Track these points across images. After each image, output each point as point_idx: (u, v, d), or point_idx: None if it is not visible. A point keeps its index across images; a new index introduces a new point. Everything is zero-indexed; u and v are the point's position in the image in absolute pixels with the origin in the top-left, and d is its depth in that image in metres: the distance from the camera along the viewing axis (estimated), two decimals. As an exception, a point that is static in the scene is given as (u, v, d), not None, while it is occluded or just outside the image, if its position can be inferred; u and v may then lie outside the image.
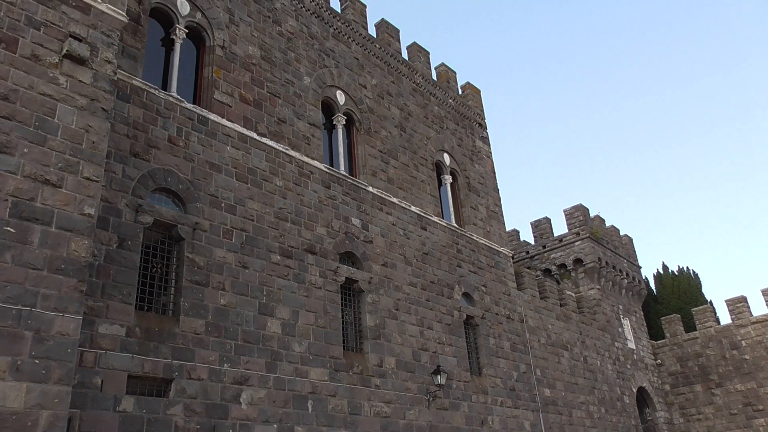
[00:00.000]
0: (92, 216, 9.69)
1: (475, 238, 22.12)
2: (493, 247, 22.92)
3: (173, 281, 12.56)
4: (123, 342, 10.88)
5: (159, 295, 12.36)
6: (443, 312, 19.01)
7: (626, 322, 30.90)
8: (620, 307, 30.93)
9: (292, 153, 16.17)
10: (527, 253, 32.33)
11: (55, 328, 8.66)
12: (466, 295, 20.56)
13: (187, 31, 15.07)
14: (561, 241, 30.97)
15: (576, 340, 25.70)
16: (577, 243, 30.17)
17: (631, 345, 30.41)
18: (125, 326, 10.99)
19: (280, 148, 15.87)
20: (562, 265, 30.45)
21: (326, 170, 17.03)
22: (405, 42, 24.16)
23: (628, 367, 29.08)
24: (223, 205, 13.79)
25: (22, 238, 8.76)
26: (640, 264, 34.64)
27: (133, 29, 13.41)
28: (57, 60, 10.03)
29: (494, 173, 25.53)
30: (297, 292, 14.56)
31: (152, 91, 13.28)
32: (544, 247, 31.67)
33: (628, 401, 27.58)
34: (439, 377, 16.70)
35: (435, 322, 18.49)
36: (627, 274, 32.20)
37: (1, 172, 8.87)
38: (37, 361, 8.34)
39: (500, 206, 24.78)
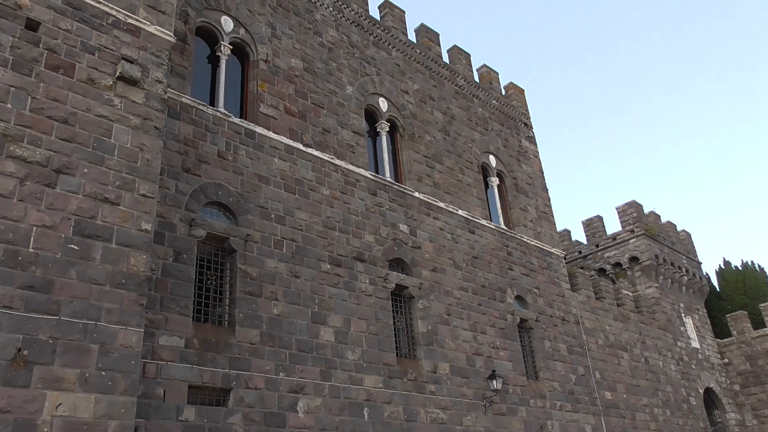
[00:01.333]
0: (149, 231, 9.98)
1: (525, 240, 21.76)
2: (544, 248, 22.49)
3: (227, 292, 12.81)
4: (182, 353, 11.14)
5: (214, 307, 12.62)
6: (496, 316, 18.74)
7: (688, 321, 29.76)
8: (681, 305, 29.83)
9: (338, 162, 16.30)
10: (580, 253, 31.60)
11: (118, 340, 8.94)
12: (518, 298, 20.22)
13: (231, 47, 15.43)
14: (615, 239, 30.14)
15: (636, 341, 24.90)
16: (631, 241, 29.31)
17: (695, 344, 29.25)
18: (184, 338, 11.26)
19: (326, 158, 16.02)
20: (617, 264, 29.62)
21: (372, 178, 17.10)
22: (445, 45, 24.11)
23: (693, 367, 27.97)
24: (272, 216, 14.00)
25: (85, 255, 9.10)
26: (701, 260, 33.37)
27: (181, 48, 13.82)
28: (111, 82, 10.43)
29: (542, 173, 25.10)
30: (348, 300, 14.62)
31: (201, 107, 13.64)
32: (597, 246, 30.89)
33: (695, 403, 26.50)
34: (494, 382, 16.45)
35: (488, 327, 18.24)
36: (687, 271, 31.05)
37: (64, 192, 9.25)
38: (103, 373, 8.62)
39: (550, 206, 24.32)
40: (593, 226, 31.60)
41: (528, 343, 19.88)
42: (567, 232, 32.94)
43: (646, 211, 30.91)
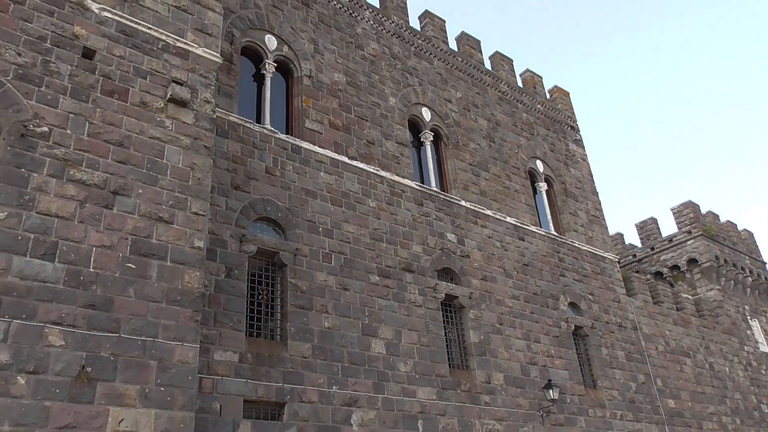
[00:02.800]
0: (202, 249, 10.21)
1: (577, 245, 21.26)
2: (597, 253, 21.92)
3: (279, 307, 12.95)
4: (237, 368, 11.30)
5: (266, 321, 12.77)
6: (550, 324, 18.33)
7: (755, 324, 28.39)
8: (746, 307, 28.49)
9: (383, 173, 16.34)
10: (634, 256, 30.66)
11: (176, 356, 9.14)
12: (572, 305, 19.73)
13: (275, 64, 15.72)
14: (671, 241, 29.13)
15: (698, 346, 23.90)
16: (689, 242, 28.25)
17: (764, 348, 27.85)
18: (238, 352, 11.43)
19: (371, 170, 16.08)
20: (675, 267, 28.58)
21: (418, 188, 17.06)
22: (487, 52, 23.98)
23: (763, 372, 26.62)
24: (320, 229, 14.11)
25: (142, 273, 9.37)
26: (765, 260, 31.85)
27: (227, 68, 14.16)
28: (162, 104, 10.76)
29: (591, 176, 24.52)
30: (398, 312, 14.56)
31: (248, 125, 13.92)
32: (652, 249, 29.92)
33: (767, 411, 25.20)
34: (551, 392, 16.04)
35: (542, 335, 17.85)
36: (750, 272, 29.68)
37: (121, 212, 9.57)
38: (162, 389, 8.82)
39: (601, 210, 23.72)
40: (647, 228, 30.65)
41: (584, 351, 19.35)
42: (620, 236, 32.05)
43: (703, 211, 29.77)
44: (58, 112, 9.60)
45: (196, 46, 11.76)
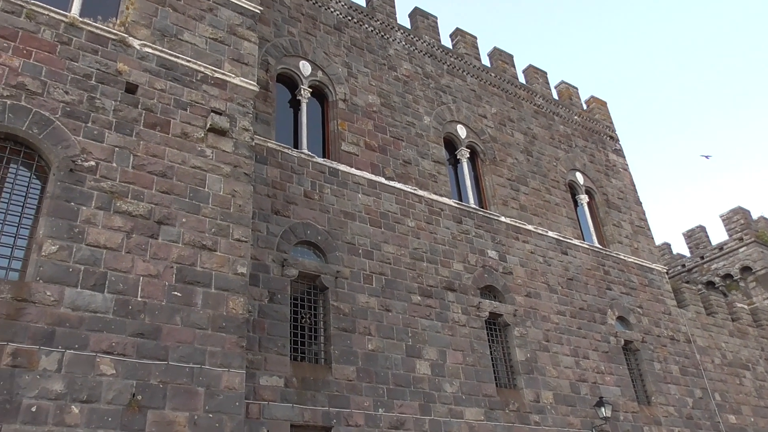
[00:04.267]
0: (245, 275, 10.32)
1: (622, 257, 20.72)
2: (643, 264, 21.31)
3: (322, 330, 12.95)
4: (283, 392, 11.31)
5: (310, 345, 12.78)
6: (598, 339, 17.83)
7: (817, 334, 27.02)
8: (806, 317, 27.17)
9: (421, 192, 16.30)
10: (683, 266, 29.72)
11: (222, 383, 9.21)
12: (620, 318, 19.17)
13: (311, 90, 15.95)
14: (721, 249, 28.14)
15: (758, 358, 22.86)
16: (741, 249, 27.24)
17: (827, 360, 26.46)
18: (283, 377, 11.44)
19: (409, 189, 16.07)
20: (727, 276, 27.56)
21: (456, 205, 16.95)
22: (520, 66, 23.88)
23: (827, 385, 25.25)
24: (360, 251, 14.12)
25: (187, 301, 9.52)
26: (823, 266, 30.40)
27: (264, 96, 14.42)
28: (203, 134, 11.02)
29: (634, 186, 23.96)
30: (442, 332, 14.40)
31: (286, 150, 14.11)
32: (702, 258, 28.95)
33: (833, 426, 23.84)
34: (603, 409, 15.53)
35: (590, 351, 17.37)
36: (808, 279, 28.37)
37: (166, 242, 9.77)
38: (210, 415, 8.88)
39: (646, 220, 23.10)
40: (695, 237, 29.71)
41: (636, 366, 18.73)
42: (667, 246, 31.15)
43: (754, 216, 28.69)
44: (104, 147, 9.92)
45: (233, 76, 12.04)
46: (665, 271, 22.29)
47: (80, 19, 10.74)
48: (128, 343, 8.73)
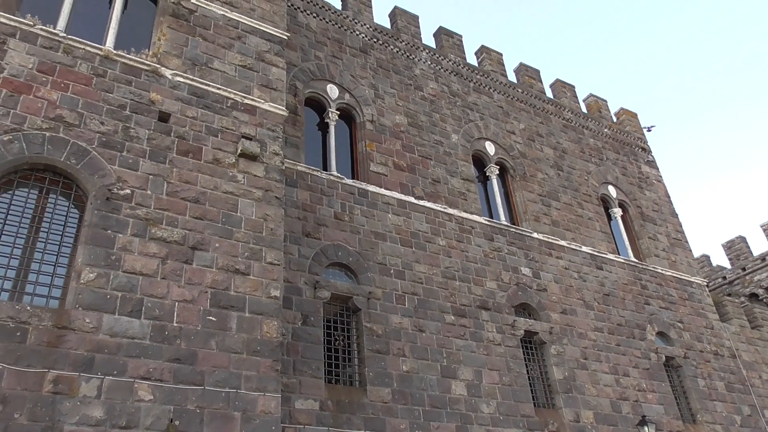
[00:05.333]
0: (278, 298, 10.34)
1: (660, 271, 20.22)
2: (682, 277, 20.76)
3: (356, 352, 12.88)
4: (318, 416, 11.24)
5: (345, 367, 12.71)
6: (638, 356, 17.35)
7: None
8: None
9: (451, 211, 16.21)
10: (724, 278, 28.88)
11: (258, 407, 9.19)
12: (660, 334, 18.65)
13: (338, 112, 16.09)
14: (764, 260, 27.30)
15: (807, 374, 21.94)
16: (785, 261, 26.36)
17: None
18: (318, 400, 11.38)
19: (439, 208, 16.00)
20: (771, 288, 26.66)
21: (487, 223, 16.80)
22: (547, 80, 23.71)
23: None
24: (392, 271, 14.06)
25: (222, 326, 9.57)
26: None
27: (292, 120, 14.59)
28: (234, 160, 11.17)
29: (669, 198, 23.46)
30: (477, 351, 14.19)
31: (315, 173, 14.21)
32: (743, 269, 28.10)
33: None
34: (646, 428, 15.05)
35: (630, 368, 16.90)
36: None
37: (200, 267, 9.86)
38: (247, 441, 8.85)
39: (682, 232, 22.55)
40: (736, 248, 28.89)
41: (678, 383, 18.15)
42: (706, 258, 30.34)
43: (796, 226, 27.80)
44: (138, 175, 10.12)
45: (262, 101, 12.22)
46: (705, 284, 21.67)
47: (114, 51, 11.05)
48: (165, 368, 8.79)
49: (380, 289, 13.59)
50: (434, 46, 20.41)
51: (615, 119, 24.80)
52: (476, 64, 21.39)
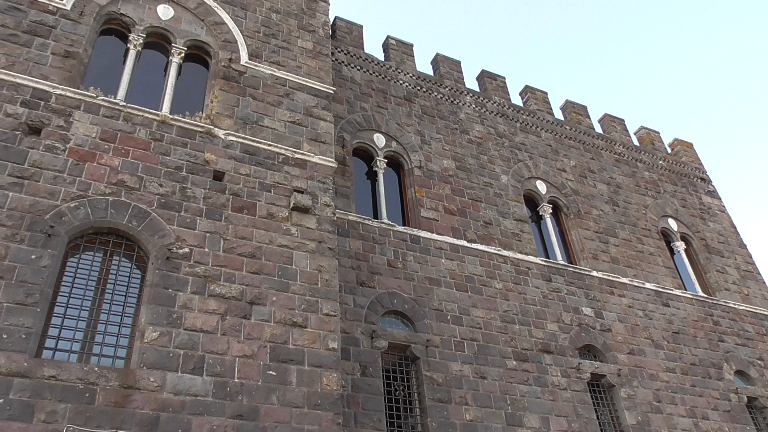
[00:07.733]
0: (336, 349, 10.26)
1: (732, 305, 19.16)
2: (757, 311, 19.59)
3: (417, 402, 12.56)
4: (382, 470, 10.92)
5: (406, 418, 12.39)
6: (716, 397, 16.29)
7: None
8: None
9: (505, 253, 15.92)
10: (803, 311, 27.05)
11: (321, 463, 9.00)
12: (739, 373, 17.51)
13: (386, 160, 16.25)
14: None
15: None
16: None
17: None
18: (381, 453, 11.08)
19: (492, 251, 15.74)
20: None
21: (543, 263, 16.39)
22: (595, 115, 23.41)
23: None
24: (449, 317, 13.80)
25: (282, 380, 9.51)
26: None
27: (342, 171, 14.79)
28: (287, 214, 11.34)
29: (734, 228, 22.43)
30: (542, 397, 13.62)
31: (366, 222, 14.27)
32: (823, 300, 26.27)
33: None
34: (733, 478, 13.99)
35: (709, 411, 15.85)
36: None
37: (258, 321, 9.92)
38: (311, 499, 8.64)
39: (753, 263, 21.41)
40: (812, 277, 27.14)
41: (765, 426, 16.87)
42: (780, 290, 28.59)
43: None
44: (196, 233, 10.38)
45: (312, 155, 12.46)
46: (783, 317, 20.36)
47: (170, 116, 11.55)
48: (228, 425, 8.76)
49: (438, 336, 13.33)
50: (478, 90, 20.54)
51: (669, 150, 24.15)
52: (521, 104, 21.36)
